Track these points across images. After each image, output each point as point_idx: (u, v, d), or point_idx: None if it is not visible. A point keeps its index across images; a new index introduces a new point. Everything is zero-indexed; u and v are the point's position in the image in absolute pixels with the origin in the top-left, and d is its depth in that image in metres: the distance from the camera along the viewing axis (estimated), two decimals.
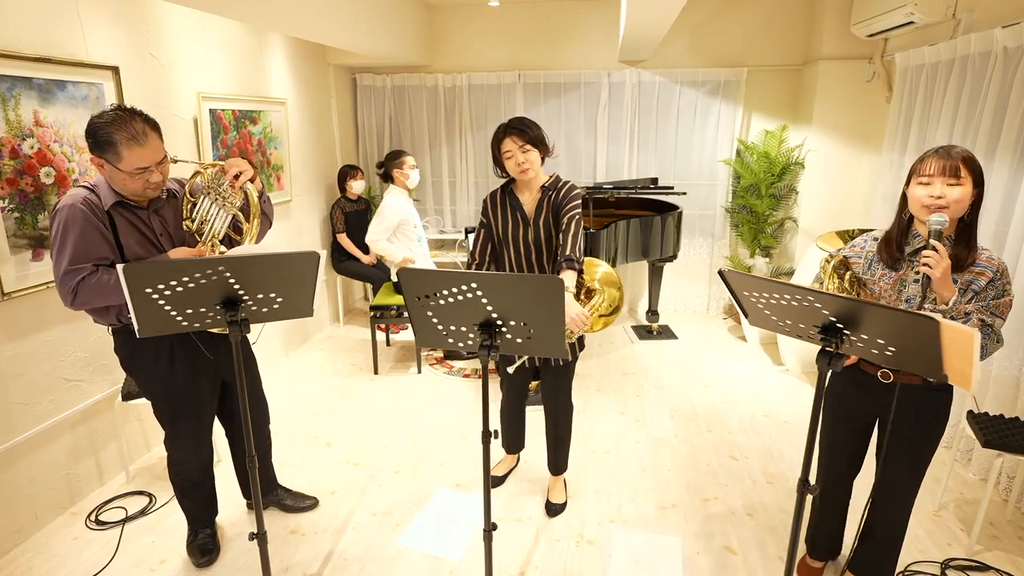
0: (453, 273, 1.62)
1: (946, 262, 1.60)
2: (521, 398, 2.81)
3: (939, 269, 1.59)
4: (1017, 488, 2.67)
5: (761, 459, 3.11)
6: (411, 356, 4.52)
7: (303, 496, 2.74)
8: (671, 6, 3.14)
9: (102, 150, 1.87)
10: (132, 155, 1.87)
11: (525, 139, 2.32)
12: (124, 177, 1.90)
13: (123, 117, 1.86)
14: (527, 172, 2.35)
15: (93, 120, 1.87)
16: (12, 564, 2.39)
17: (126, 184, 1.93)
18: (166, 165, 2.00)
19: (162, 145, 1.96)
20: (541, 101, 5.24)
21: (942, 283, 1.62)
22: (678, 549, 2.45)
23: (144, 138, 1.88)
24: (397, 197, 4.02)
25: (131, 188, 1.94)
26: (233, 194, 2.06)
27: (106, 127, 1.84)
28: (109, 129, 1.84)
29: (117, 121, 1.85)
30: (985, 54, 2.94)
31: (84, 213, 1.90)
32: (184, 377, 2.17)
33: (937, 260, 1.59)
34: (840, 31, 4.34)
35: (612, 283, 2.52)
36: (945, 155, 1.67)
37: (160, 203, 2.08)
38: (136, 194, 1.98)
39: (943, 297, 1.66)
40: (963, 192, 1.66)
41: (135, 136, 1.86)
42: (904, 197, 1.81)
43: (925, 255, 1.61)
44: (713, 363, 4.35)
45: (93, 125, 1.86)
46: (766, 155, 4.78)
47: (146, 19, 3.04)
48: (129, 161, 1.87)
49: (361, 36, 3.91)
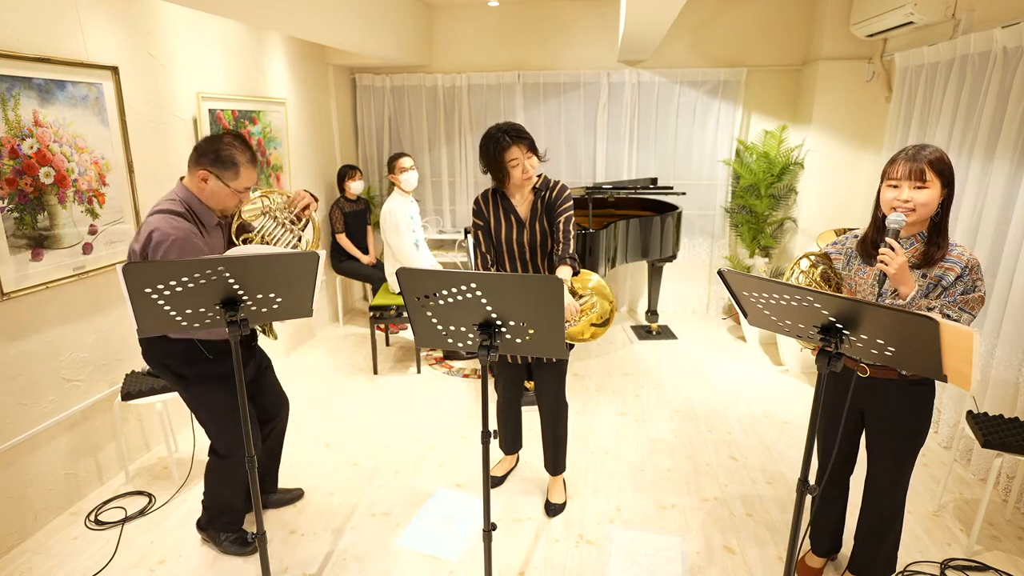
0: (452, 273, 1.62)
1: (901, 259, 1.68)
2: (517, 398, 2.81)
3: (894, 265, 1.68)
4: (1017, 488, 2.67)
5: (761, 459, 3.11)
6: (411, 356, 4.52)
7: (287, 490, 2.78)
8: (671, 6, 3.14)
9: (222, 167, 2.06)
10: (249, 176, 2.11)
11: (527, 146, 2.35)
12: (228, 194, 2.10)
13: (243, 142, 2.10)
14: (532, 179, 2.40)
15: (214, 140, 2.07)
16: (12, 564, 2.39)
17: (227, 201, 2.12)
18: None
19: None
20: (540, 101, 5.24)
21: (898, 279, 1.71)
22: (678, 549, 2.46)
23: (255, 163, 2.14)
24: (398, 201, 4.02)
25: (230, 205, 2.13)
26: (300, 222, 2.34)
27: (229, 148, 2.06)
28: (233, 151, 2.06)
29: (240, 144, 2.08)
30: (985, 54, 2.94)
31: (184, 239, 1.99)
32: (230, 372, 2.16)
33: (892, 257, 1.68)
34: (840, 31, 4.34)
35: (604, 295, 2.53)
36: (912, 158, 1.74)
37: (224, 219, 2.26)
38: (229, 211, 2.18)
39: (902, 292, 1.73)
40: (930, 195, 1.73)
41: (253, 160, 2.12)
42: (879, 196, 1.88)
43: (881, 252, 1.70)
44: (713, 363, 4.35)
45: (216, 145, 2.06)
46: (766, 155, 4.78)
47: (146, 19, 3.04)
48: (243, 181, 2.10)
49: (361, 36, 3.91)
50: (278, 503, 2.73)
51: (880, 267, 1.69)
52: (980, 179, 2.96)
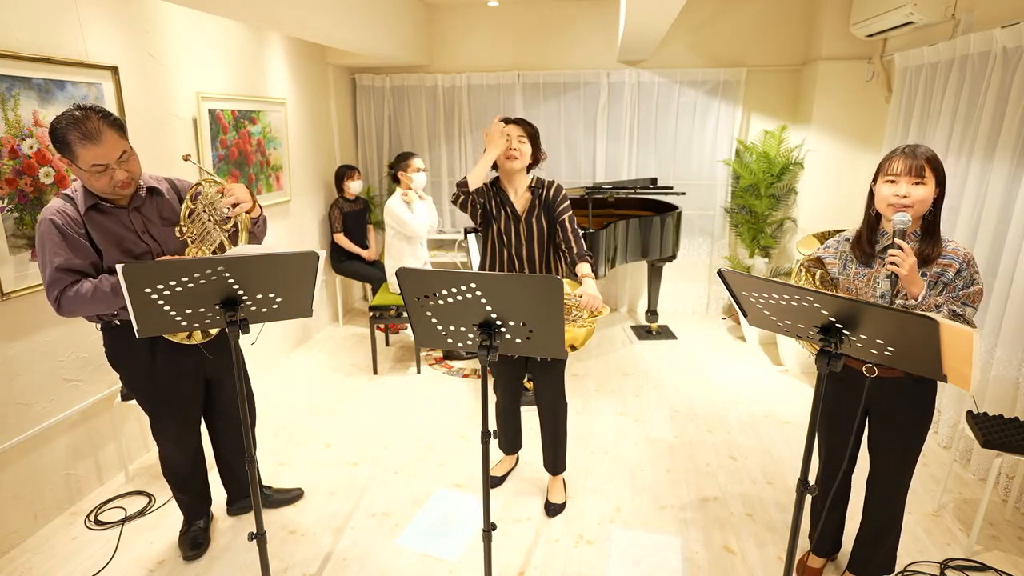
0: (452, 273, 1.62)
1: (912, 259, 1.67)
2: (516, 398, 2.81)
3: (905, 266, 1.66)
4: (1016, 488, 2.67)
5: (761, 459, 3.11)
6: (410, 356, 4.52)
7: (287, 490, 2.77)
8: (671, 6, 3.15)
9: (61, 151, 1.87)
10: (87, 153, 1.85)
11: (524, 130, 2.45)
12: (87, 176, 1.91)
13: (77, 116, 1.84)
14: (514, 160, 2.43)
15: (52, 121, 1.86)
16: (11, 564, 2.39)
17: (92, 183, 1.93)
18: (133, 163, 1.98)
19: (123, 142, 1.93)
20: (540, 101, 5.24)
21: (910, 279, 1.70)
22: (678, 549, 2.45)
23: (99, 136, 1.86)
24: (399, 200, 4.02)
25: (98, 187, 1.94)
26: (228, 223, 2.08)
27: (61, 127, 1.84)
28: (63, 129, 1.84)
29: (71, 120, 1.84)
30: (984, 54, 2.94)
31: (57, 225, 1.92)
32: (165, 374, 2.19)
33: (903, 258, 1.66)
34: (839, 31, 4.34)
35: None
36: (911, 155, 1.74)
37: (140, 200, 2.08)
38: (106, 193, 1.97)
39: (912, 293, 1.73)
40: (927, 192, 1.74)
41: (88, 134, 1.84)
42: (871, 194, 1.87)
43: (891, 254, 1.68)
44: (713, 363, 4.35)
45: (52, 126, 1.86)
46: (765, 155, 4.78)
47: (146, 19, 3.04)
48: (85, 159, 1.86)
49: (361, 36, 3.91)
50: (278, 503, 2.72)
51: (891, 268, 1.67)
52: (980, 179, 2.96)
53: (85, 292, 1.91)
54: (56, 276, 1.91)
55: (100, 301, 1.93)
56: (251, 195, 2.08)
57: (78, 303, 1.92)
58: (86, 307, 1.94)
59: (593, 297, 2.33)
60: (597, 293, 2.36)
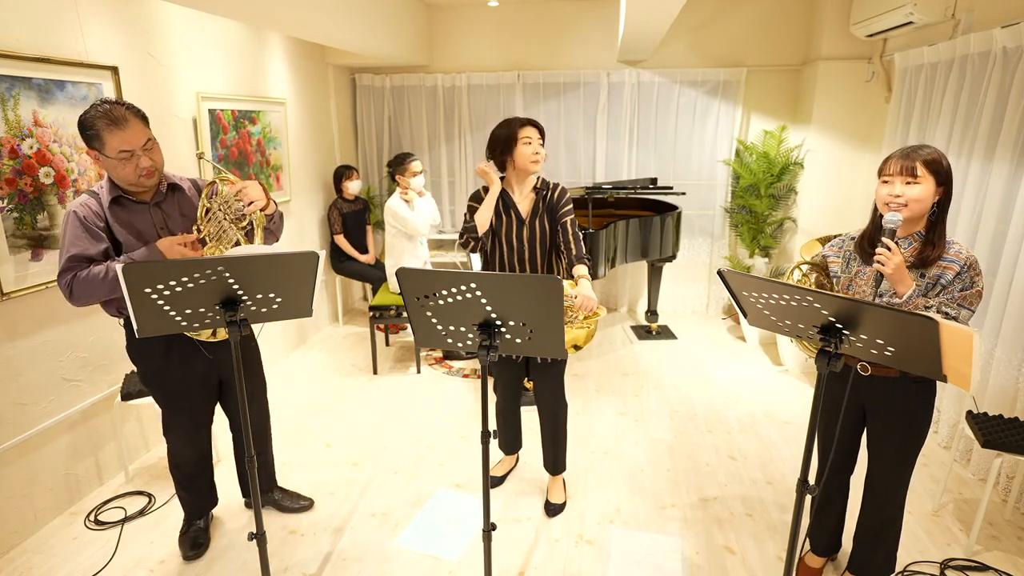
0: (452, 273, 1.62)
1: (898, 258, 1.69)
2: (516, 398, 2.81)
3: (891, 265, 1.69)
4: (1016, 488, 2.67)
5: (761, 459, 3.11)
6: (410, 356, 4.52)
7: (299, 496, 2.74)
8: (671, 6, 3.15)
9: (90, 141, 1.95)
10: (114, 139, 1.93)
11: (541, 134, 2.46)
12: (114, 164, 1.97)
13: (105, 106, 1.94)
14: (539, 163, 2.44)
15: (80, 115, 1.96)
16: (11, 564, 2.39)
17: (118, 172, 1.99)
18: (156, 152, 2.06)
19: (147, 130, 2.02)
20: (540, 101, 5.24)
21: (896, 278, 1.72)
22: (678, 549, 2.46)
23: (125, 122, 1.94)
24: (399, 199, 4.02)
25: (123, 176, 2.00)
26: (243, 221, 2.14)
27: (89, 116, 1.93)
28: (92, 118, 1.93)
29: (98, 110, 1.93)
30: (984, 54, 2.94)
31: (79, 217, 1.99)
32: (177, 373, 2.23)
33: (888, 257, 1.69)
34: (839, 31, 4.34)
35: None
36: (905, 156, 1.77)
37: (161, 196, 2.14)
38: (131, 182, 2.03)
39: (899, 292, 1.75)
40: (922, 191, 1.75)
41: (115, 120, 1.92)
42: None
43: (878, 252, 1.71)
44: (713, 363, 4.35)
45: (79, 119, 1.95)
46: (765, 155, 4.78)
47: (146, 19, 3.04)
48: (112, 145, 1.93)
49: (361, 36, 3.91)
50: (288, 508, 2.69)
51: (877, 267, 1.70)
52: (980, 179, 2.96)
53: (96, 274, 1.96)
54: (69, 264, 1.98)
55: (110, 284, 1.97)
56: (265, 192, 2.13)
57: (88, 287, 1.96)
58: (96, 291, 1.98)
59: (587, 298, 2.34)
60: (592, 295, 2.37)
